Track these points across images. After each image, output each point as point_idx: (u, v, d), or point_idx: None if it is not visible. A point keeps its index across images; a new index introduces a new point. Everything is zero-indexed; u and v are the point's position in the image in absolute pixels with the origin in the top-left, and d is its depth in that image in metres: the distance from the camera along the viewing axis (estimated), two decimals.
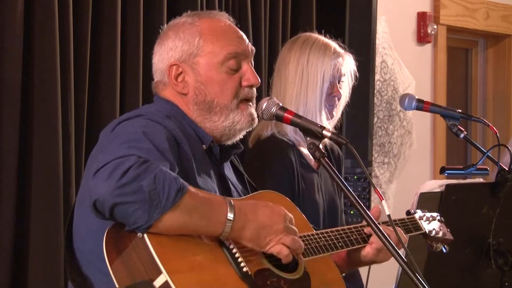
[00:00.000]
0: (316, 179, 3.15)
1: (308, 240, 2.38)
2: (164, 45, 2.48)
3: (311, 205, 3.07)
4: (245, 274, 2.17)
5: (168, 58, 2.46)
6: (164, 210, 2.06)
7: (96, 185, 2.06)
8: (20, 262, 3.19)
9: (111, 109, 3.45)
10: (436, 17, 5.46)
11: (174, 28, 2.49)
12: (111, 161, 2.06)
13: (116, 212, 2.06)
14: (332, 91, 3.15)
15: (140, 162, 2.06)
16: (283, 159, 3.06)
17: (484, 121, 3.19)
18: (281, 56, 3.25)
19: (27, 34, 3.21)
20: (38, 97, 3.22)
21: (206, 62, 2.44)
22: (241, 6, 4.02)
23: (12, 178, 3.15)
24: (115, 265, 2.10)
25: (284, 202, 2.50)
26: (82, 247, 2.30)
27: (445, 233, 2.82)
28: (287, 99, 3.11)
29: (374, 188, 2.26)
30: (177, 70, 2.44)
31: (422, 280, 2.14)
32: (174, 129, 2.32)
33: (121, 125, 2.29)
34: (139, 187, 2.04)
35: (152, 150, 2.16)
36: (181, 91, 2.44)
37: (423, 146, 5.42)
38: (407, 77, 5.28)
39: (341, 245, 2.49)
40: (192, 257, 2.12)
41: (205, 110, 2.44)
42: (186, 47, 2.44)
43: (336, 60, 3.15)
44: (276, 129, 3.12)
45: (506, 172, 3.06)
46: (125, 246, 2.10)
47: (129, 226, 2.08)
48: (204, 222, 2.14)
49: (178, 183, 2.08)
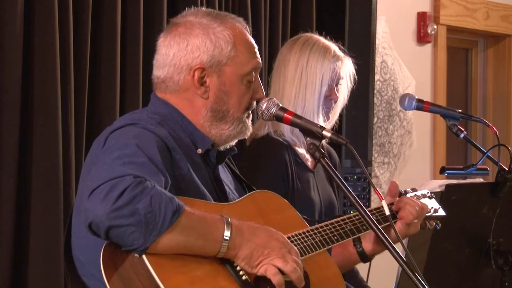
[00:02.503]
0: (311, 178, 3.16)
1: (303, 237, 2.38)
2: (188, 42, 2.39)
3: (306, 204, 3.08)
4: (245, 282, 2.16)
5: (193, 58, 2.39)
6: (160, 232, 2.04)
7: (92, 207, 2.03)
8: (20, 262, 3.19)
9: (111, 109, 3.44)
10: (436, 17, 5.45)
11: (201, 27, 2.41)
12: (107, 182, 2.03)
13: (112, 234, 2.03)
14: (329, 94, 3.15)
15: (136, 183, 2.03)
16: (276, 158, 3.06)
17: (484, 121, 3.19)
18: (281, 55, 3.25)
19: (27, 34, 3.21)
20: (38, 97, 3.22)
21: (232, 72, 2.41)
22: (241, 6, 4.02)
23: (12, 179, 3.14)
24: (114, 283, 2.09)
25: (278, 201, 2.50)
26: (82, 257, 2.29)
27: (437, 210, 2.81)
28: (285, 100, 3.12)
29: (374, 188, 2.26)
30: (201, 73, 2.39)
31: (422, 280, 2.14)
32: (166, 136, 2.29)
33: (114, 135, 2.25)
34: (135, 210, 2.01)
35: (147, 164, 2.13)
36: (202, 95, 2.40)
37: (423, 146, 5.42)
38: (407, 77, 5.28)
39: (337, 238, 2.49)
40: (191, 272, 2.11)
41: (217, 118, 2.41)
42: (217, 52, 2.39)
43: (335, 63, 3.15)
44: (273, 128, 3.13)
45: (506, 172, 3.06)
46: (123, 266, 2.08)
47: (125, 247, 2.06)
48: (200, 242, 2.12)
49: (174, 204, 2.06)
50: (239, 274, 2.17)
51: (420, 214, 2.70)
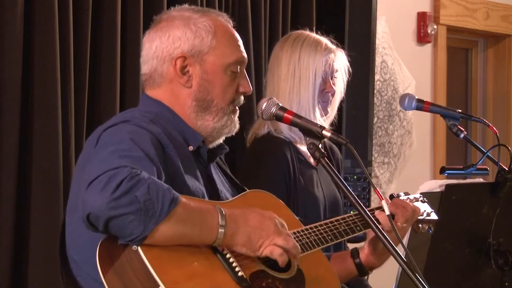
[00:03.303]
0: (315, 175, 3.16)
1: (298, 236, 2.39)
2: (169, 33, 2.43)
3: (311, 200, 3.09)
4: (241, 278, 2.17)
5: (175, 48, 2.43)
6: (158, 220, 2.05)
7: (90, 198, 2.04)
8: (20, 262, 3.19)
9: (111, 109, 3.45)
10: (436, 17, 5.45)
11: (182, 19, 2.45)
12: (104, 173, 2.04)
13: (111, 225, 2.03)
14: (325, 87, 3.16)
15: (133, 173, 2.04)
16: (277, 157, 3.07)
17: (484, 121, 3.19)
18: (273, 55, 3.27)
19: (27, 34, 3.21)
20: (38, 97, 3.22)
21: (214, 62, 2.44)
22: (241, 6, 4.02)
23: (12, 178, 3.14)
24: (110, 280, 2.09)
25: (272, 201, 2.51)
26: (77, 256, 2.29)
27: (429, 213, 2.81)
28: (280, 97, 3.12)
29: (374, 188, 2.26)
30: (183, 62, 2.43)
31: (422, 280, 2.14)
32: (159, 133, 2.31)
33: (107, 132, 2.26)
34: (134, 198, 2.02)
35: (143, 158, 2.15)
36: (185, 84, 2.43)
37: (423, 146, 5.42)
38: (407, 77, 5.28)
39: (331, 238, 2.50)
40: (188, 266, 2.12)
41: (202, 107, 2.44)
42: (198, 42, 2.43)
43: (327, 56, 3.16)
44: (272, 127, 3.13)
45: (506, 172, 3.06)
46: (119, 261, 2.09)
47: (123, 238, 2.06)
48: (197, 231, 2.13)
49: (171, 193, 2.08)
50: (235, 270, 2.18)
51: (412, 216, 2.70)
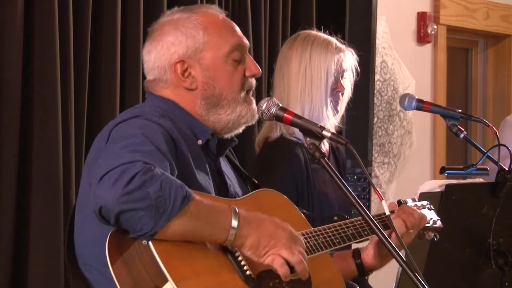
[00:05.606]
0: (327, 175, 3.16)
1: (306, 238, 2.38)
2: (162, 42, 2.43)
3: (325, 200, 3.09)
4: (248, 277, 2.17)
5: (171, 55, 2.42)
6: (170, 217, 2.05)
7: (102, 192, 2.04)
8: (20, 262, 3.19)
9: (111, 109, 3.45)
10: (436, 17, 5.46)
11: (171, 24, 2.45)
12: (117, 167, 2.04)
13: (122, 219, 2.04)
14: (336, 86, 3.16)
15: (146, 168, 2.04)
16: (290, 162, 3.06)
17: (484, 121, 3.19)
18: (282, 55, 3.24)
19: (27, 34, 3.21)
20: (38, 97, 3.22)
21: (212, 56, 2.43)
22: (241, 6, 4.02)
23: (12, 178, 3.14)
24: (119, 272, 2.09)
25: (281, 200, 2.51)
26: (85, 252, 2.29)
27: (435, 221, 2.81)
28: (291, 97, 3.12)
29: (374, 188, 2.26)
30: (182, 66, 2.42)
31: (422, 280, 2.14)
32: (170, 128, 2.30)
33: (118, 127, 2.26)
34: (146, 194, 2.02)
35: (155, 152, 2.15)
36: (189, 87, 2.42)
37: (423, 146, 5.42)
38: (407, 77, 5.28)
39: (338, 241, 2.49)
40: (197, 263, 2.12)
41: (212, 104, 2.43)
42: (191, 42, 2.42)
43: (338, 55, 3.16)
44: (285, 129, 3.12)
45: (506, 172, 3.06)
46: (129, 253, 2.09)
47: (134, 233, 2.06)
48: (208, 229, 2.13)
49: (184, 190, 2.07)
50: (243, 269, 2.17)
51: (419, 223, 2.69)
